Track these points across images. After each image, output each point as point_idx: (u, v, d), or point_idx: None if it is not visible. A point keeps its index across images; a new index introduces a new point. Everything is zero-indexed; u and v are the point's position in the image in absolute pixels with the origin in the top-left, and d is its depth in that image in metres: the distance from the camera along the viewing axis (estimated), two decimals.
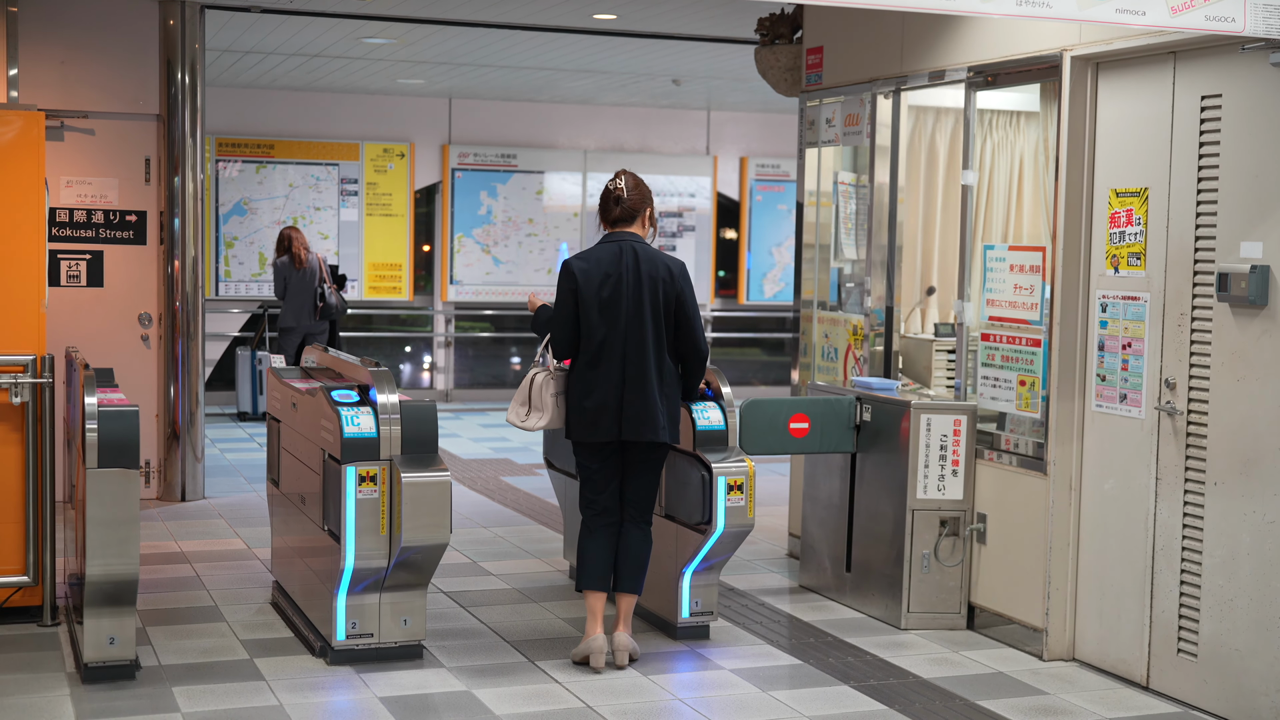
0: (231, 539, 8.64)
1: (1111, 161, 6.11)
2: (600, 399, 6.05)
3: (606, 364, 6.05)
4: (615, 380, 6.05)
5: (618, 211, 6.18)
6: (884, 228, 7.55)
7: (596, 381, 6.06)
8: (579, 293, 6.07)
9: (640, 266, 6.08)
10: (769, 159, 16.95)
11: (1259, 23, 5.06)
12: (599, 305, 6.06)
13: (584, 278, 6.07)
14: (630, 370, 6.06)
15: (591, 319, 6.06)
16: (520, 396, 6.27)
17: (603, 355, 6.06)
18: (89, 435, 5.63)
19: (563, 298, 6.13)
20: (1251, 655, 5.43)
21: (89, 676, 5.74)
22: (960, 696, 5.80)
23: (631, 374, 6.06)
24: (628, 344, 6.06)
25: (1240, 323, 5.47)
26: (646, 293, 6.07)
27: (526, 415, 6.27)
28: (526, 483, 10.89)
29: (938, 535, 6.74)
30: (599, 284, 6.06)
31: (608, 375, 6.05)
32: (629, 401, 6.05)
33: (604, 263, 6.09)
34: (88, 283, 9.66)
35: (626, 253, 6.10)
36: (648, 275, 6.08)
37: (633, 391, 6.05)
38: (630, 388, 6.05)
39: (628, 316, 6.06)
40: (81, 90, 9.62)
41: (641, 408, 6.05)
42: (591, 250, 6.17)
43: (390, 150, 15.59)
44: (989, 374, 6.67)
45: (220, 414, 14.56)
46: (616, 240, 6.16)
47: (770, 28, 8.56)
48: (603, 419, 6.06)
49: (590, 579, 6.16)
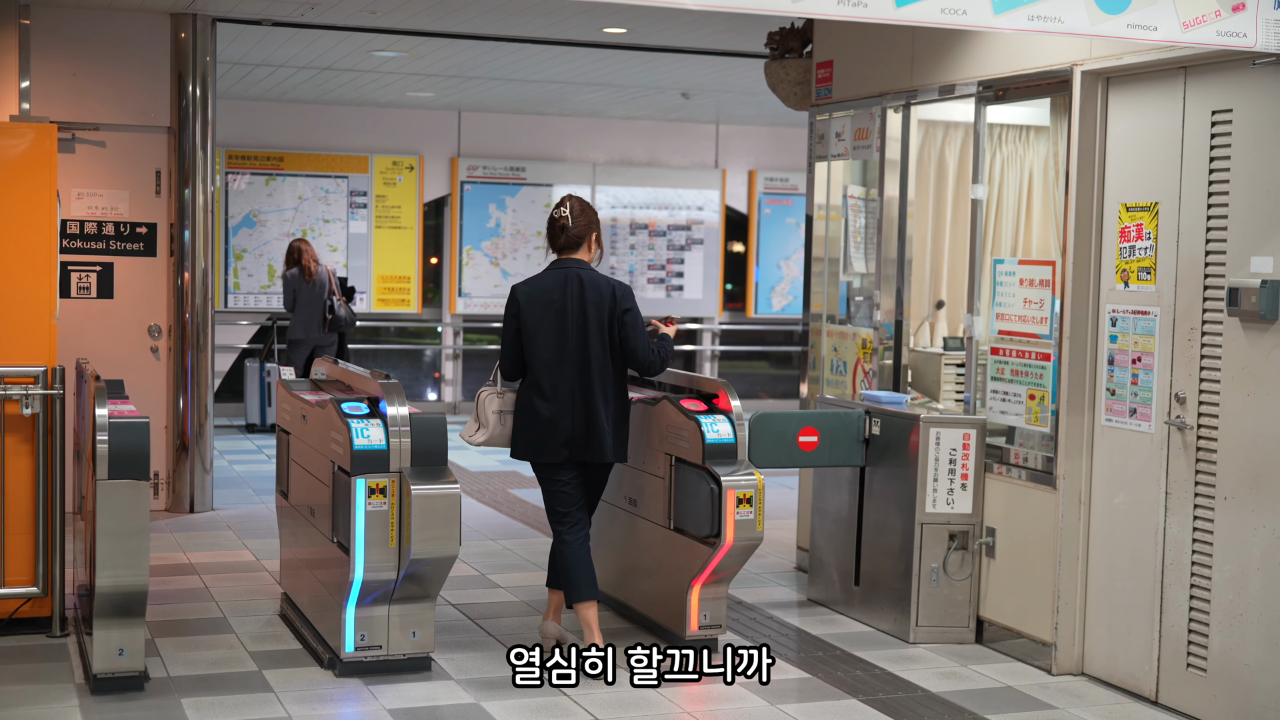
0: (240, 551, 8.64)
1: (1122, 176, 6.11)
2: (546, 421, 6.25)
3: (551, 387, 6.24)
4: (563, 403, 6.24)
5: (563, 239, 6.34)
6: (893, 241, 7.56)
7: (542, 404, 6.26)
8: (521, 317, 6.27)
9: (585, 292, 6.24)
10: (778, 172, 16.96)
11: (1270, 38, 5.06)
12: (544, 330, 6.24)
13: (528, 302, 6.27)
14: (576, 394, 6.24)
15: (536, 343, 6.25)
16: (474, 413, 6.50)
17: (547, 378, 6.25)
18: (100, 447, 5.64)
19: (507, 322, 6.36)
20: (1262, 670, 5.42)
21: (98, 688, 5.74)
22: (969, 711, 5.79)
23: (577, 398, 6.24)
24: (573, 368, 6.24)
25: (1250, 337, 5.46)
26: (591, 317, 6.23)
27: (475, 431, 6.49)
28: (534, 495, 10.88)
29: (946, 549, 6.73)
30: (543, 309, 6.24)
31: (554, 398, 6.24)
32: (576, 425, 6.25)
33: (549, 289, 6.27)
34: (98, 294, 9.68)
35: (571, 279, 6.27)
36: (592, 301, 6.24)
37: (579, 415, 6.25)
38: (576, 411, 6.24)
39: (573, 341, 6.23)
40: (93, 103, 9.65)
41: (588, 430, 6.26)
42: (538, 276, 6.35)
43: (399, 163, 15.62)
44: (998, 388, 6.66)
45: (229, 426, 14.58)
46: (562, 267, 6.32)
47: (780, 42, 8.57)
48: (549, 441, 6.26)
49: (585, 590, 6.30)
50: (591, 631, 6.22)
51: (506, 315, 6.37)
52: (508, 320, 6.36)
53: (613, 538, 7.20)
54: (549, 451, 6.29)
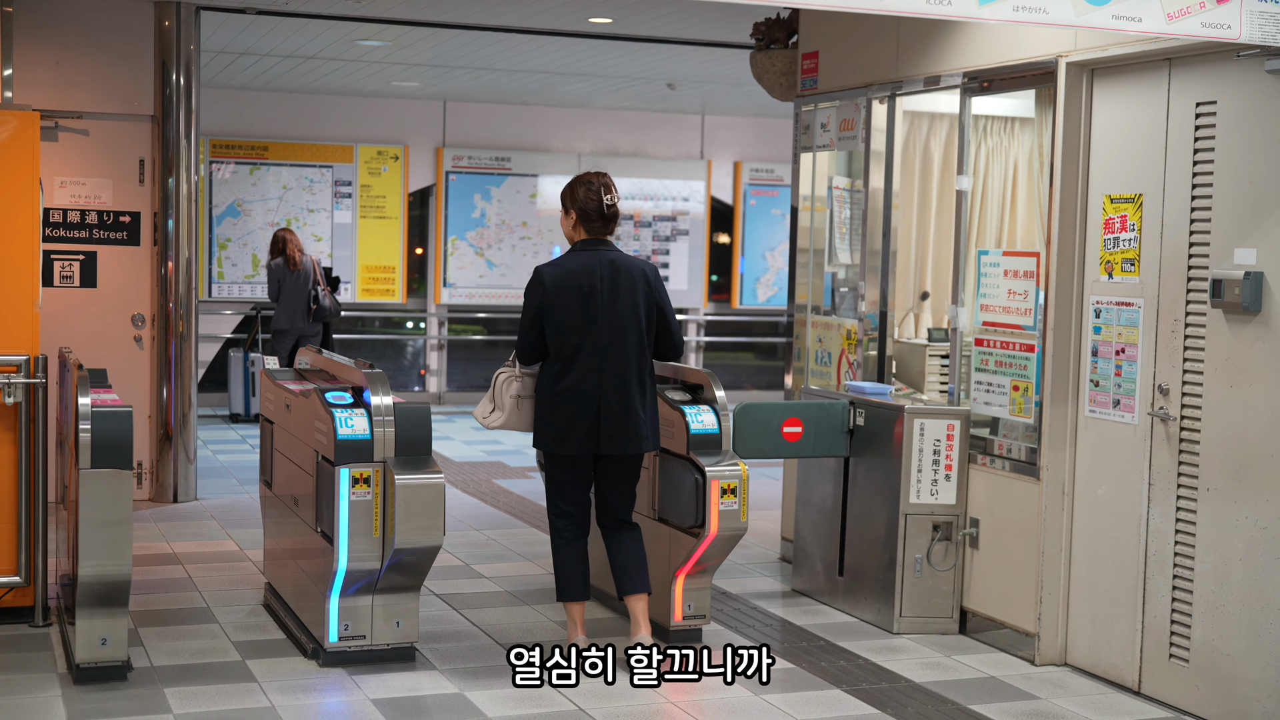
0: (224, 540, 8.63)
1: (1106, 167, 6.12)
2: (573, 410, 6.00)
3: (581, 374, 5.99)
4: (590, 391, 5.98)
5: (600, 222, 6.10)
6: (878, 233, 7.56)
7: (569, 392, 6.00)
8: (546, 301, 6.00)
9: (618, 275, 6.02)
10: (763, 163, 16.96)
11: (1255, 30, 5.07)
12: (572, 314, 5.98)
13: (555, 285, 6.00)
14: (608, 381, 5.99)
15: (563, 329, 5.98)
16: (489, 394, 6.23)
17: (575, 365, 5.99)
18: (82, 436, 5.62)
19: (529, 304, 6.05)
20: (1243, 660, 5.43)
21: (81, 677, 5.73)
22: (952, 701, 5.80)
23: (610, 385, 5.99)
24: (606, 354, 5.99)
25: (1234, 329, 5.48)
26: (624, 301, 6.01)
27: (490, 412, 6.23)
28: (519, 486, 10.88)
29: (930, 540, 6.74)
30: (572, 293, 5.98)
31: (582, 386, 5.99)
32: (608, 414, 5.99)
33: (579, 271, 6.01)
34: (81, 283, 9.65)
35: (603, 261, 6.04)
36: (625, 284, 6.02)
37: (612, 403, 5.99)
38: (609, 399, 5.99)
39: (604, 327, 5.98)
40: (76, 91, 9.61)
41: (623, 419, 6.01)
42: (566, 258, 6.09)
43: (384, 153, 15.58)
44: (982, 379, 6.67)
45: (213, 415, 14.55)
46: (592, 248, 6.08)
47: (766, 32, 8.57)
48: (576, 431, 6.00)
49: (575, 590, 6.16)
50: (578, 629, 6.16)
51: (529, 297, 6.05)
52: (530, 303, 6.04)
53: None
54: (575, 442, 6.02)
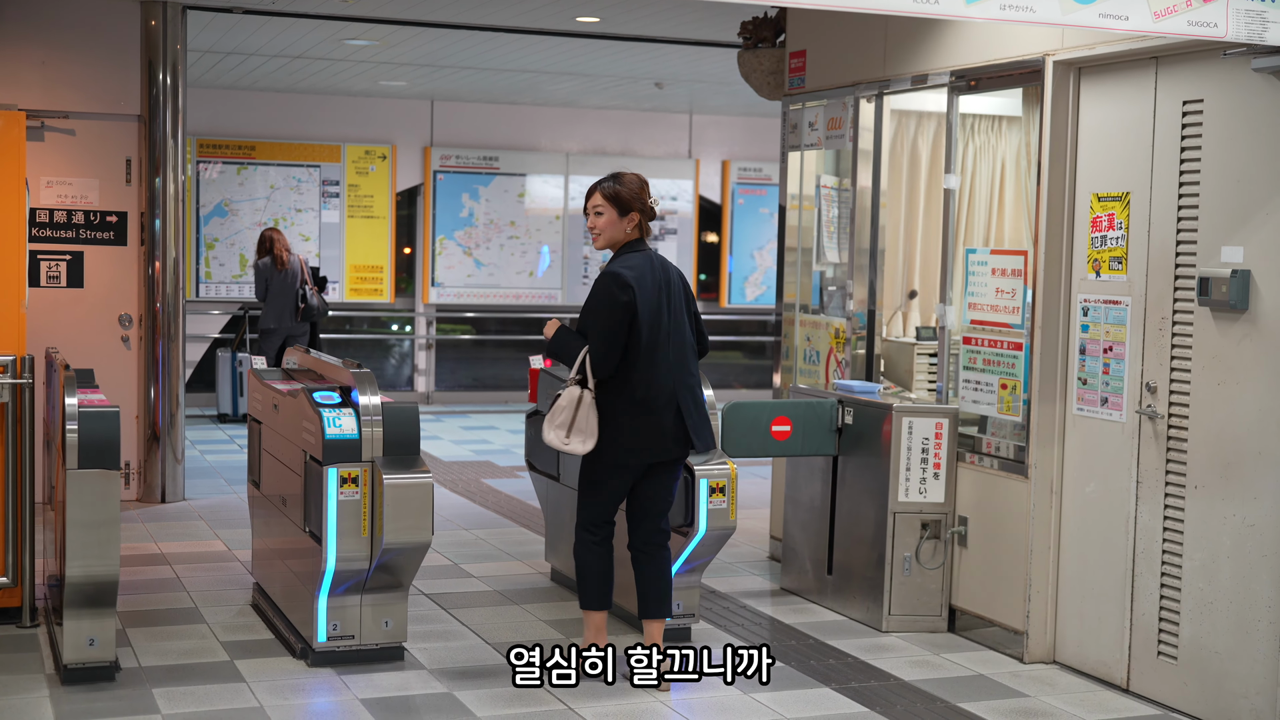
0: (212, 540, 8.61)
1: (1093, 166, 6.13)
2: (655, 416, 5.78)
3: (658, 378, 5.78)
4: (668, 395, 5.79)
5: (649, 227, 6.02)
6: (866, 231, 7.57)
7: (648, 398, 5.76)
8: (636, 305, 5.73)
9: (670, 276, 5.90)
10: (751, 162, 16.97)
11: (1241, 28, 5.07)
12: (649, 318, 5.77)
13: (640, 289, 5.76)
14: (681, 382, 5.84)
15: (642, 333, 5.75)
16: (560, 417, 5.75)
17: (653, 369, 5.78)
18: (69, 436, 5.61)
19: (617, 311, 5.71)
20: (1231, 658, 5.45)
21: (68, 678, 5.71)
22: (941, 699, 5.81)
23: (682, 385, 5.85)
24: (673, 355, 5.84)
25: (1221, 327, 5.49)
26: (677, 301, 5.90)
27: (568, 437, 5.75)
28: (508, 485, 10.88)
29: (919, 538, 6.75)
30: (648, 296, 5.77)
31: (660, 390, 5.78)
32: (687, 412, 5.83)
33: (646, 273, 5.81)
34: (68, 283, 9.63)
35: (658, 264, 5.89)
36: (676, 284, 5.92)
37: (688, 402, 5.85)
38: (685, 400, 5.84)
39: (669, 329, 5.83)
40: (62, 90, 9.59)
41: (699, 418, 5.88)
42: (631, 260, 5.85)
43: (372, 152, 15.57)
44: (970, 377, 6.68)
45: (200, 416, 14.52)
46: (642, 249, 5.92)
47: (753, 31, 8.57)
48: (658, 437, 5.79)
49: (602, 598, 5.94)
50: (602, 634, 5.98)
51: (613, 303, 5.69)
52: (616, 309, 5.69)
53: None
54: (656, 450, 5.80)
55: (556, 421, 5.74)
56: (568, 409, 5.72)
